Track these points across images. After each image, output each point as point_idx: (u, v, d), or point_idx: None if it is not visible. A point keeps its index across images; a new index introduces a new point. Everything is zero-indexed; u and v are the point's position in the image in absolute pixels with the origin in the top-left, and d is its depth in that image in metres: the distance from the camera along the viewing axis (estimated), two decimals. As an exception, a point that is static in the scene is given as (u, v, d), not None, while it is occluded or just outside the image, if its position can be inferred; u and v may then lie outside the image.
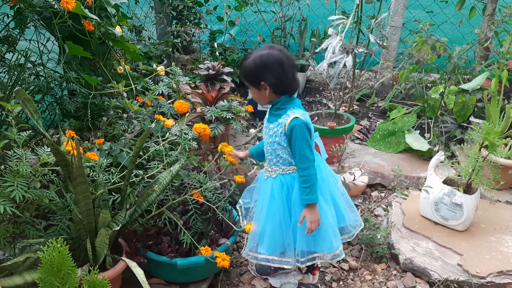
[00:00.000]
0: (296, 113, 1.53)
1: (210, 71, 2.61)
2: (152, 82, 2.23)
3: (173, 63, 2.36)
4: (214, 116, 2.34)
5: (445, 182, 2.13)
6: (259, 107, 3.47)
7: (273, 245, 1.62)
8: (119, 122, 2.01)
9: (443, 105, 3.14)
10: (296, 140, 1.52)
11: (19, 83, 1.90)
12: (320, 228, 1.58)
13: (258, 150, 1.80)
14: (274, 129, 1.58)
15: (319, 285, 1.88)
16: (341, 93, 3.01)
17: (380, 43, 2.73)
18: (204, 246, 1.63)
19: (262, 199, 1.65)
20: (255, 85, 1.56)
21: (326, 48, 2.61)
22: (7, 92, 1.79)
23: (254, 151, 1.82)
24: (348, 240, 1.77)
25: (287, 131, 1.53)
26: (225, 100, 2.49)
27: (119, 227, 1.50)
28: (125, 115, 2.06)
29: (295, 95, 1.62)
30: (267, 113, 1.67)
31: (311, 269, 1.80)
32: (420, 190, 2.20)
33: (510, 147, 2.49)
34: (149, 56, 3.39)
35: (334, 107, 2.94)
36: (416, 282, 1.91)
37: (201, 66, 2.67)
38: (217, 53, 3.90)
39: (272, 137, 1.59)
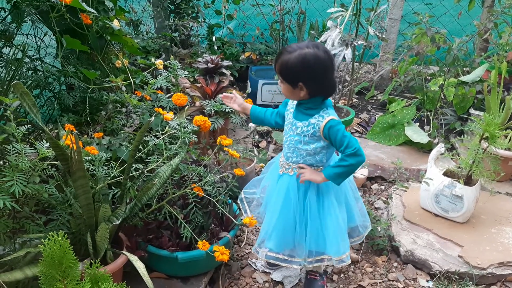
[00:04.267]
0: (330, 114, 1.48)
1: (209, 64, 2.60)
2: (150, 76, 2.22)
3: (171, 57, 2.34)
4: (213, 109, 2.33)
5: (445, 174, 2.13)
6: (258, 101, 3.45)
7: (282, 242, 1.60)
8: (118, 117, 2.00)
9: (443, 97, 3.13)
10: (337, 136, 1.46)
11: (17, 77, 1.88)
12: (329, 230, 1.57)
13: (259, 115, 1.72)
14: (304, 128, 1.51)
15: (328, 271, 1.90)
16: (340, 86, 3.00)
17: (379, 36, 2.71)
18: (204, 240, 1.63)
19: (277, 196, 1.62)
20: (290, 83, 1.45)
21: (325, 41, 2.60)
22: (5, 87, 1.78)
23: (255, 112, 1.73)
24: (358, 242, 1.79)
25: (324, 132, 1.47)
26: (224, 93, 2.48)
27: (119, 221, 1.49)
28: (124, 109, 2.05)
29: None
30: (291, 107, 1.59)
31: None
32: (420, 182, 2.20)
33: (510, 139, 2.49)
34: (147, 50, 3.37)
35: (333, 100, 2.93)
36: (417, 274, 1.92)
37: (199, 59, 2.66)
38: (215, 47, 3.88)
39: (299, 136, 1.53)
